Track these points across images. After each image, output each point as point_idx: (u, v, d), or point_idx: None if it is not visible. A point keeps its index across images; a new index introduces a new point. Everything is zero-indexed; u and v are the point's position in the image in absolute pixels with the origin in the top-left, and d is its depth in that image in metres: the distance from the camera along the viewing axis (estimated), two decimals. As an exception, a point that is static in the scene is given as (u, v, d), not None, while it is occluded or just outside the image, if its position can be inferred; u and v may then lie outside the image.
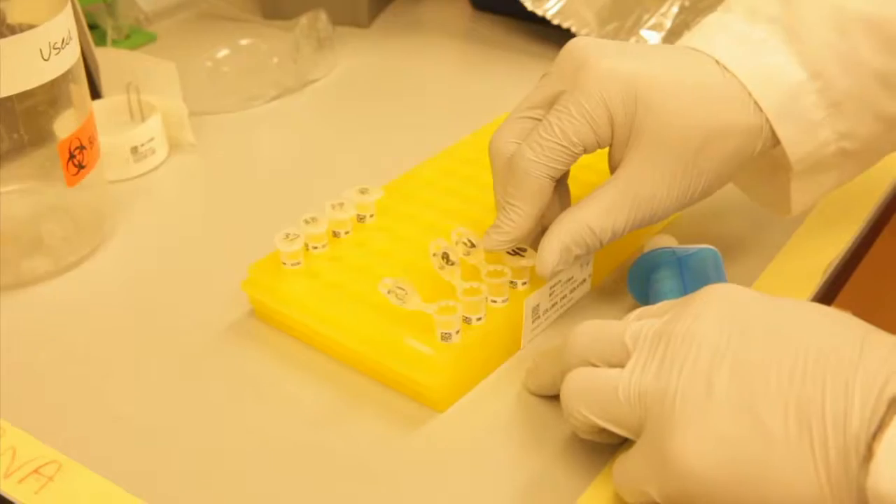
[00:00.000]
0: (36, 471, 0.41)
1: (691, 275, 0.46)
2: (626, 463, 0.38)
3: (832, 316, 0.36)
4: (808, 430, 0.33)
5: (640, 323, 0.39)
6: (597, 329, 0.40)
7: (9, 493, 0.40)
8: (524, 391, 0.45)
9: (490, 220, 0.46)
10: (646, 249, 0.49)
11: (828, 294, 0.53)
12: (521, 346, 0.48)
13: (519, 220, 0.45)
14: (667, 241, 0.50)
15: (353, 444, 0.43)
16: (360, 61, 0.79)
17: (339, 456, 0.42)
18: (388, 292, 0.45)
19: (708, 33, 0.47)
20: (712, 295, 0.38)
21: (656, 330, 0.38)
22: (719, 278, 0.47)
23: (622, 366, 0.38)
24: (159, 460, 0.42)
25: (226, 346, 0.48)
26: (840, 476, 0.32)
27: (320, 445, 0.43)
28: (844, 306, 0.39)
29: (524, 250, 0.47)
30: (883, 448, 0.31)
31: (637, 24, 0.74)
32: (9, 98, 0.49)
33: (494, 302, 0.46)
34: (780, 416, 0.33)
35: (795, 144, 0.46)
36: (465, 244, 0.47)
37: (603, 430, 0.39)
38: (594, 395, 0.38)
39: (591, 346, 0.40)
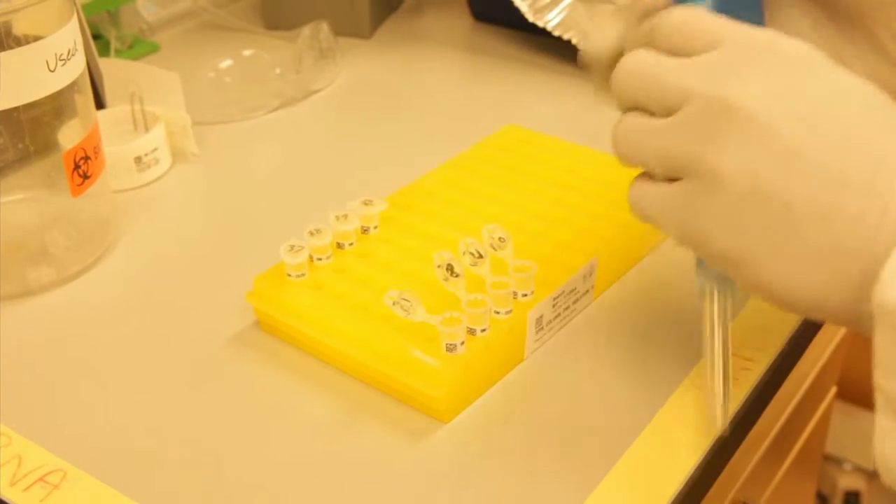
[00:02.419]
0: (41, 479, 0.42)
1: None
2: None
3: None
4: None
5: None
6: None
7: (14, 501, 0.40)
8: (528, 402, 0.46)
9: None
10: None
11: None
12: (525, 357, 0.48)
13: None
14: None
15: (358, 455, 0.43)
16: (361, 72, 0.79)
17: (344, 466, 0.42)
18: (394, 304, 0.45)
19: None
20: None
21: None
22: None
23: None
24: (164, 469, 0.42)
25: (230, 356, 0.49)
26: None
27: (325, 456, 0.43)
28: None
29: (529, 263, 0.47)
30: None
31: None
32: (15, 108, 0.50)
33: (498, 313, 0.46)
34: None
35: None
36: (472, 255, 0.47)
37: None
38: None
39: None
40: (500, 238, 0.49)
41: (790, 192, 0.34)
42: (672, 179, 0.38)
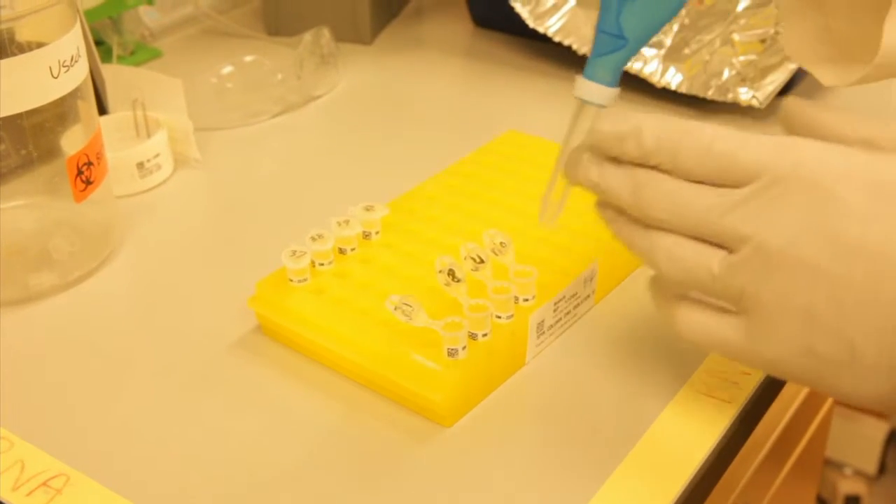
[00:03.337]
0: (44, 484, 0.42)
1: None
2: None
3: None
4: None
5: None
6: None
7: (18, 507, 0.41)
8: (529, 406, 0.46)
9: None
10: None
11: None
12: (526, 362, 0.48)
13: None
14: None
15: (359, 460, 0.43)
16: (363, 78, 0.79)
17: (345, 471, 0.42)
18: (395, 308, 0.45)
19: None
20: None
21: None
22: None
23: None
24: (166, 474, 0.42)
25: (233, 361, 0.49)
26: None
27: (327, 460, 0.43)
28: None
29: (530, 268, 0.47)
30: None
31: (638, 42, 0.74)
32: (18, 114, 0.50)
33: (499, 318, 0.46)
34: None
35: None
36: (473, 259, 0.47)
37: None
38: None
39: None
40: (501, 243, 0.49)
41: (852, 329, 0.35)
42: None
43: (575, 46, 0.75)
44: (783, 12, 0.49)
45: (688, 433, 0.44)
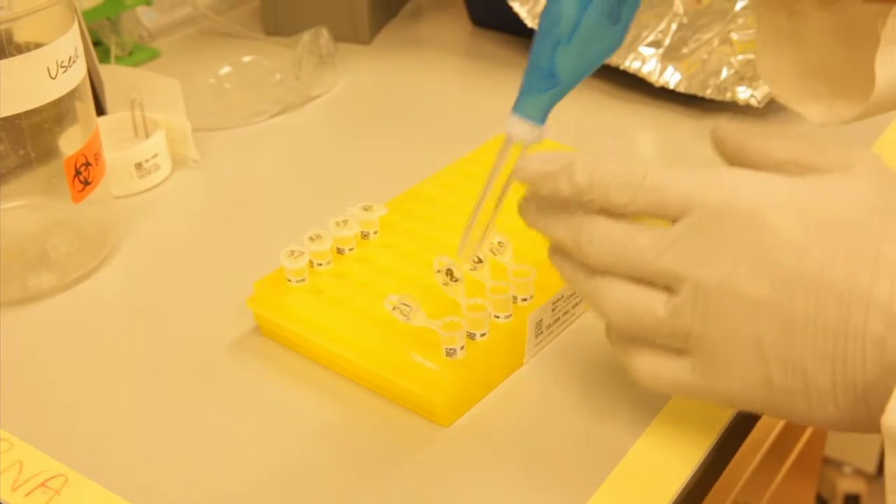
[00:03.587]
0: (43, 484, 0.42)
1: None
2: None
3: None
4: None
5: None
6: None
7: (16, 508, 0.41)
8: (528, 406, 0.46)
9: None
10: None
11: None
12: (524, 362, 0.48)
13: None
14: None
15: (358, 460, 0.43)
16: (361, 78, 0.79)
17: (343, 471, 0.42)
18: (394, 308, 0.45)
19: None
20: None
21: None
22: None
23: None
24: (165, 474, 0.42)
25: (231, 362, 0.49)
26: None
27: (325, 461, 0.43)
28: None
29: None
30: None
31: (636, 41, 0.74)
32: (16, 115, 0.50)
33: (498, 318, 0.46)
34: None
35: None
36: (472, 259, 0.47)
37: None
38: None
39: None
40: (499, 243, 0.49)
41: (802, 357, 0.36)
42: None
43: (573, 46, 0.75)
44: (759, 49, 0.48)
45: (687, 431, 0.44)
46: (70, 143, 0.53)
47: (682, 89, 0.71)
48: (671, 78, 0.72)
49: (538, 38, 0.40)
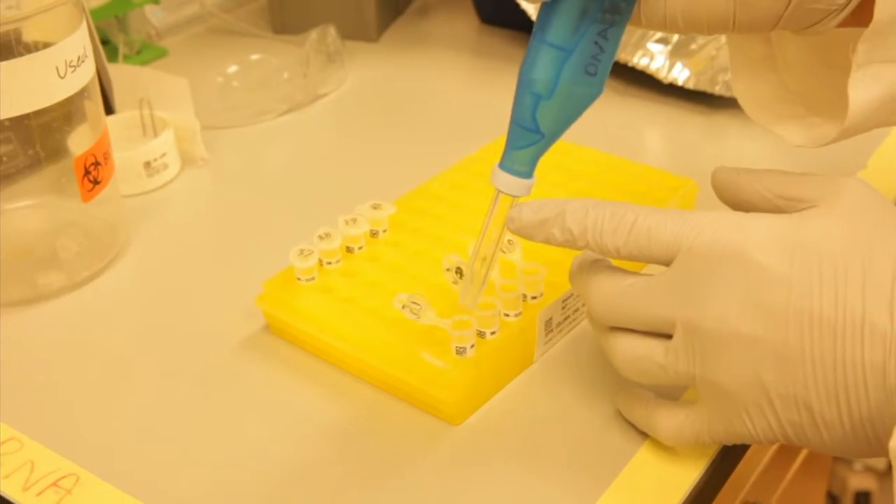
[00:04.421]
0: (54, 483, 0.42)
1: None
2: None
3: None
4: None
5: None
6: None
7: (28, 507, 0.41)
8: (538, 404, 0.46)
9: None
10: None
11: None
12: (534, 360, 0.48)
13: None
14: None
15: (368, 458, 0.43)
16: (369, 75, 0.79)
17: (354, 469, 0.42)
18: (403, 307, 0.45)
19: None
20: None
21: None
22: None
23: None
24: (175, 473, 0.42)
25: (240, 360, 0.49)
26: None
27: (335, 459, 0.43)
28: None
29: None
30: None
31: (644, 38, 0.74)
32: (25, 115, 0.50)
33: (507, 316, 0.46)
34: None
35: None
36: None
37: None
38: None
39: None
40: (509, 241, 0.49)
41: (805, 392, 0.35)
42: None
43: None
44: (734, 73, 0.48)
45: (697, 430, 0.44)
46: (79, 142, 0.53)
47: (690, 86, 0.71)
48: (680, 74, 0.72)
49: (518, 95, 0.40)
